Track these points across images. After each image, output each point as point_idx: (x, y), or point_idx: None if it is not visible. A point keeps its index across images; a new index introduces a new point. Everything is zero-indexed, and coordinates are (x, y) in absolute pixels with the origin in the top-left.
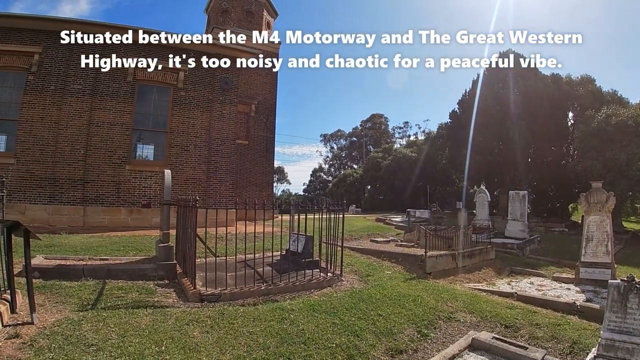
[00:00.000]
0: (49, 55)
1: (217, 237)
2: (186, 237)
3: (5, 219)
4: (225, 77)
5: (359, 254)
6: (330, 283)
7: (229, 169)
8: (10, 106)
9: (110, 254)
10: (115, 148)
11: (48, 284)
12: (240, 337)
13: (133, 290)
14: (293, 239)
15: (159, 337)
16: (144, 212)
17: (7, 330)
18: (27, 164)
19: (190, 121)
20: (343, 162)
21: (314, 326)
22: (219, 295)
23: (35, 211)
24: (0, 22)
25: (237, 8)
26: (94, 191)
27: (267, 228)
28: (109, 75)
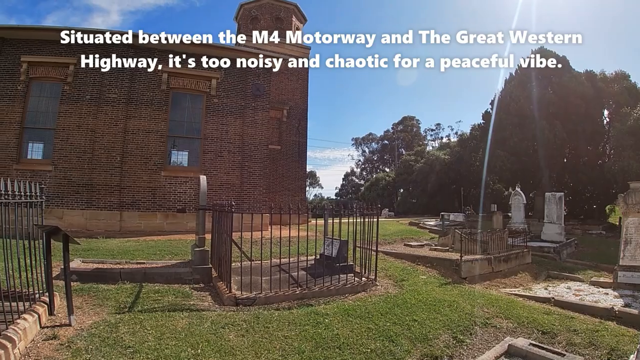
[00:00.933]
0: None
1: (253, 242)
2: (221, 242)
3: (44, 224)
4: (256, 83)
5: (393, 259)
6: (365, 288)
7: (262, 174)
8: (48, 115)
9: (146, 258)
10: (150, 155)
11: (86, 287)
12: (275, 341)
13: (169, 294)
14: (327, 243)
15: (195, 340)
16: (179, 216)
17: (45, 331)
18: (64, 170)
19: (223, 127)
20: (375, 165)
21: (348, 331)
22: (254, 299)
23: (72, 216)
24: (36, 35)
25: (265, 15)
26: (130, 196)
27: (301, 232)
28: (144, 84)
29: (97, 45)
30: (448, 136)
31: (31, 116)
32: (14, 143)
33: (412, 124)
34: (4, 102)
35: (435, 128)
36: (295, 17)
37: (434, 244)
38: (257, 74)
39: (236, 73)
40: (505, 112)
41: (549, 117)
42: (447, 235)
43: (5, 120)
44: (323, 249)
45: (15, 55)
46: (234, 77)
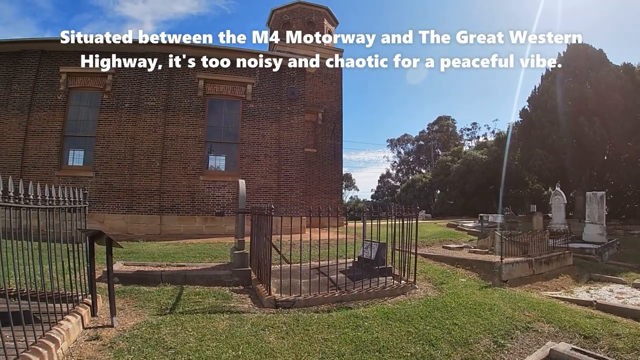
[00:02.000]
0: (121, 75)
1: (289, 244)
2: (260, 244)
3: (87, 228)
4: (291, 87)
5: (432, 261)
6: (404, 291)
7: (298, 177)
8: (88, 124)
9: (186, 261)
10: (189, 160)
11: (127, 289)
12: (315, 344)
13: (210, 296)
14: (366, 245)
15: (236, 341)
16: (218, 220)
17: (87, 332)
18: (105, 176)
19: (260, 132)
20: (411, 166)
21: (388, 334)
22: (293, 301)
23: (113, 220)
24: (75, 47)
25: (297, 19)
26: (169, 201)
27: (337, 235)
28: (181, 92)
29: (134, 55)
30: (485, 135)
31: (71, 125)
32: (55, 151)
33: (447, 124)
34: (45, 112)
35: (472, 127)
36: (326, 20)
37: (473, 246)
38: (291, 77)
39: (271, 78)
40: (543, 109)
41: (588, 113)
42: (487, 237)
43: (46, 129)
44: (362, 252)
45: (54, 66)
46: (268, 81)
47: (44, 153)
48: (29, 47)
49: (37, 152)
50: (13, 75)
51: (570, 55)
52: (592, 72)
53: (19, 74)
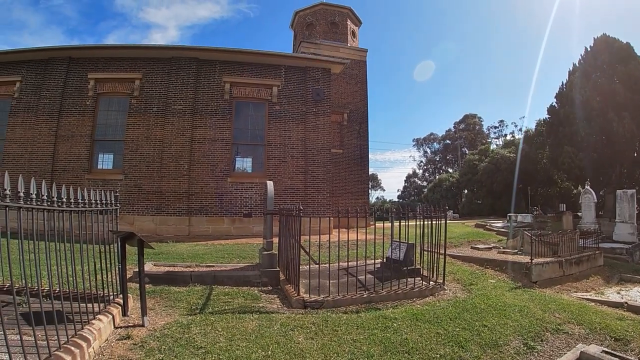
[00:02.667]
0: (148, 80)
1: (317, 245)
2: (289, 245)
3: (119, 229)
4: (317, 89)
5: (460, 262)
6: (433, 292)
7: (325, 178)
8: (117, 128)
9: (215, 261)
10: (217, 162)
11: (157, 289)
12: (344, 345)
13: (239, 296)
14: (394, 246)
15: (265, 341)
16: (246, 221)
17: (118, 331)
18: (134, 179)
19: (286, 133)
20: (437, 166)
21: (417, 336)
22: (321, 302)
23: (143, 222)
24: (101, 53)
25: (321, 20)
26: (198, 202)
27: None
28: (207, 95)
29: (161, 60)
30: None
31: (100, 129)
32: (85, 155)
33: (474, 122)
34: (74, 117)
35: (499, 125)
36: (350, 20)
37: (502, 247)
38: (316, 79)
39: (296, 79)
40: (571, 105)
41: (617, 109)
42: (516, 238)
43: (76, 133)
44: (390, 252)
45: (83, 72)
46: (294, 83)
47: (74, 157)
48: (57, 54)
49: (67, 156)
50: (42, 82)
51: (597, 49)
52: (620, 66)
53: (47, 80)
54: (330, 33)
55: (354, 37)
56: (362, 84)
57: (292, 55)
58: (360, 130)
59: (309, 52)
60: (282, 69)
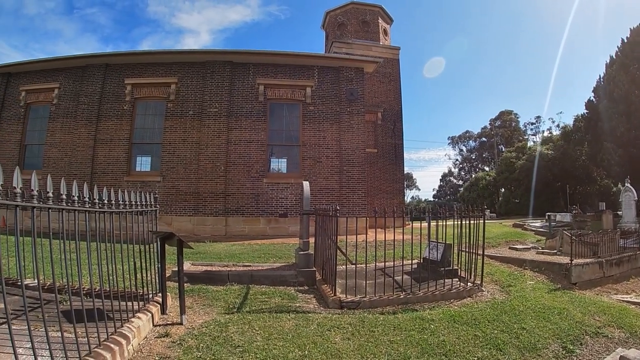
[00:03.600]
0: (184, 84)
1: (353, 245)
2: (325, 245)
3: (159, 230)
4: (350, 88)
5: (498, 263)
6: (470, 293)
7: (360, 177)
8: (154, 131)
9: (252, 261)
10: (252, 163)
11: (195, 288)
12: (380, 346)
13: (276, 295)
14: (431, 246)
15: (302, 341)
16: (281, 221)
17: (157, 329)
18: (172, 180)
19: (320, 134)
20: (473, 164)
21: (454, 338)
22: (358, 302)
23: (180, 222)
24: (137, 59)
25: (352, 20)
26: (234, 203)
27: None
28: (242, 97)
29: (195, 64)
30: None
31: (138, 132)
32: (124, 157)
33: (510, 119)
34: (112, 122)
35: (535, 121)
36: (381, 18)
37: (540, 247)
38: (349, 78)
39: (329, 80)
40: (609, 99)
41: None
42: (555, 238)
43: (114, 137)
44: (427, 253)
45: (119, 78)
46: (327, 83)
47: (112, 160)
48: (94, 61)
49: (106, 159)
50: (80, 88)
51: (634, 40)
52: None
53: (85, 86)
54: (362, 32)
55: (385, 36)
56: (395, 82)
57: (324, 55)
58: (395, 129)
59: (341, 52)
60: (315, 69)
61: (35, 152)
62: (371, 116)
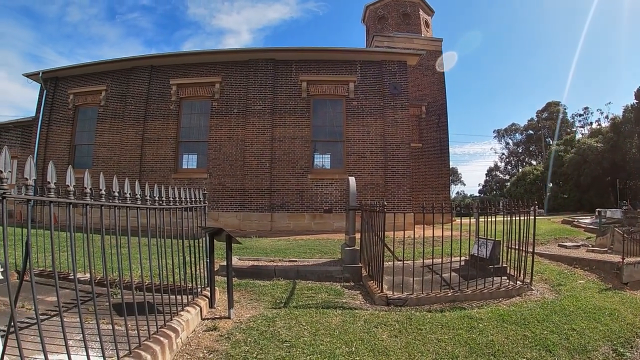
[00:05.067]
0: (228, 83)
1: (398, 241)
2: (371, 241)
3: (207, 225)
4: (393, 82)
5: (547, 260)
6: (519, 292)
7: (405, 172)
8: (200, 129)
9: (297, 256)
10: (297, 159)
11: (242, 283)
12: (428, 344)
13: (322, 291)
14: (479, 243)
15: (349, 337)
16: (326, 217)
17: (205, 323)
18: (218, 177)
19: (364, 129)
20: (520, 158)
21: (503, 337)
22: (405, 299)
23: (227, 218)
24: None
25: (392, 13)
26: (279, 199)
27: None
28: (285, 94)
29: (238, 63)
30: (598, 121)
31: (184, 131)
32: (171, 156)
33: (557, 110)
34: (159, 121)
35: (583, 112)
36: (422, 10)
37: (590, 245)
38: (392, 72)
39: (372, 74)
40: None
41: None
42: (605, 235)
43: (162, 136)
44: (476, 250)
45: (165, 79)
46: (370, 78)
47: (160, 158)
48: (139, 63)
49: (154, 158)
50: (127, 89)
51: None
52: None
53: (132, 88)
54: (403, 25)
55: (427, 27)
56: (439, 75)
57: (366, 50)
58: (440, 122)
59: (382, 45)
60: (358, 64)
61: (85, 152)
62: (415, 110)
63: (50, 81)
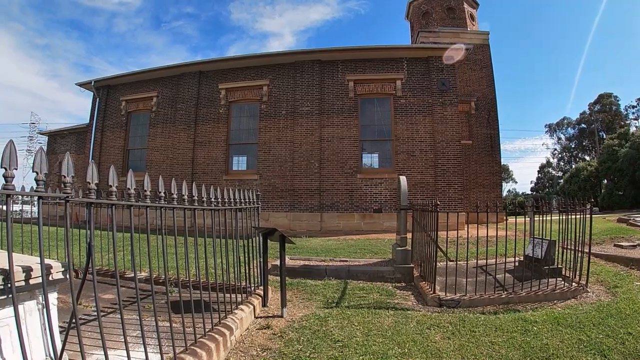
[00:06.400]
0: (275, 85)
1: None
2: (423, 241)
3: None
4: (441, 78)
5: (603, 261)
6: (575, 294)
7: (456, 171)
8: (249, 132)
9: (348, 256)
10: (345, 159)
11: (294, 282)
12: (481, 347)
13: (373, 291)
14: (533, 243)
15: (402, 339)
16: (376, 216)
17: (259, 321)
18: (268, 178)
19: (413, 127)
20: (573, 153)
21: (558, 341)
22: (458, 301)
23: (277, 218)
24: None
25: (436, 8)
26: (329, 199)
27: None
28: (332, 95)
29: (285, 65)
30: None
31: (234, 134)
32: (222, 158)
33: (610, 102)
34: (210, 125)
35: (637, 104)
36: (466, 3)
37: None
38: (439, 68)
39: (419, 71)
40: None
41: None
42: None
43: (212, 139)
44: (531, 250)
45: (214, 84)
46: (417, 75)
47: (211, 160)
48: (188, 69)
49: (205, 160)
50: (177, 95)
51: None
52: None
53: (182, 93)
54: (448, 19)
55: (472, 21)
56: (487, 69)
57: (412, 46)
58: (489, 118)
59: (428, 41)
60: (404, 61)
61: (138, 156)
62: (464, 106)
63: (102, 89)
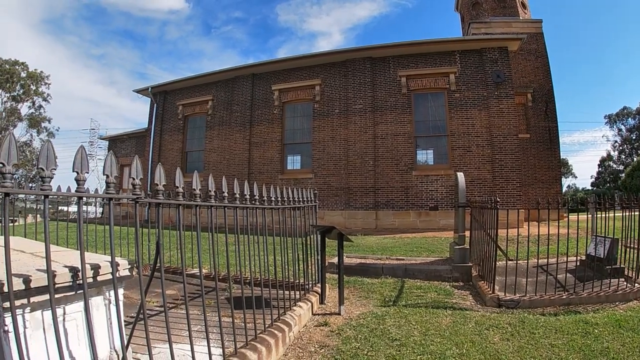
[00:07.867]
0: (327, 84)
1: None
2: (481, 239)
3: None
4: (496, 70)
5: None
6: (637, 295)
7: (514, 166)
8: (304, 132)
9: (404, 254)
10: (400, 156)
11: (351, 280)
12: (541, 349)
13: (431, 290)
14: (595, 242)
15: (460, 339)
16: (432, 214)
17: (316, 318)
18: (323, 177)
19: (469, 121)
20: (634, 146)
21: (619, 345)
22: (517, 301)
23: (332, 216)
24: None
25: None
26: (384, 197)
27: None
28: (385, 91)
29: (336, 64)
30: None
31: (288, 134)
32: (277, 158)
33: None
34: (264, 126)
35: None
36: None
37: None
38: (493, 60)
39: (472, 64)
40: None
41: None
42: None
43: (267, 140)
44: (593, 249)
45: (267, 85)
46: (471, 68)
47: (267, 160)
48: (241, 72)
49: (261, 160)
50: (231, 98)
51: None
52: None
53: (236, 96)
54: (499, 9)
55: (524, 9)
56: (542, 59)
57: (464, 38)
58: (547, 110)
59: (479, 32)
60: (457, 54)
61: (195, 158)
62: (520, 98)
63: (159, 95)
